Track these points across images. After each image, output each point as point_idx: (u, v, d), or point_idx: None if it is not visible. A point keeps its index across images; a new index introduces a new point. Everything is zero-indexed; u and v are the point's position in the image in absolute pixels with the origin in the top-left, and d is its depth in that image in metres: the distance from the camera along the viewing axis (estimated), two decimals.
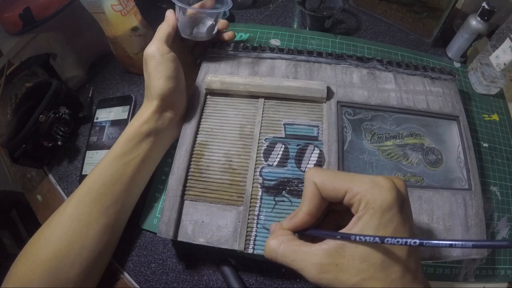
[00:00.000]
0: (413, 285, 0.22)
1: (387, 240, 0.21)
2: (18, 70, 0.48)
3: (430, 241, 0.19)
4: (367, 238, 0.21)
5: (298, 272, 0.24)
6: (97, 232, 0.32)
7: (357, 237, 0.22)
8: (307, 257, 0.23)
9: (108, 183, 0.33)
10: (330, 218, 0.28)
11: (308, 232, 0.26)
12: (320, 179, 0.25)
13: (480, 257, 0.35)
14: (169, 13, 0.39)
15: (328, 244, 0.23)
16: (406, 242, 0.20)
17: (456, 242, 0.18)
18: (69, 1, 0.49)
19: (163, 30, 0.37)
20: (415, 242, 0.20)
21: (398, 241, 0.20)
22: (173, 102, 0.36)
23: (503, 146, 0.46)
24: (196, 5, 0.40)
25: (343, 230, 0.23)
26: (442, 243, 0.19)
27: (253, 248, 0.32)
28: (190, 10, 0.39)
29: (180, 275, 0.36)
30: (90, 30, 0.48)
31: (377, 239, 0.21)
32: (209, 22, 0.41)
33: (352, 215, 0.24)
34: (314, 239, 0.25)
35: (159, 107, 0.35)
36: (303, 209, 0.25)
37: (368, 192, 0.22)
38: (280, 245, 0.25)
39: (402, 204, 0.23)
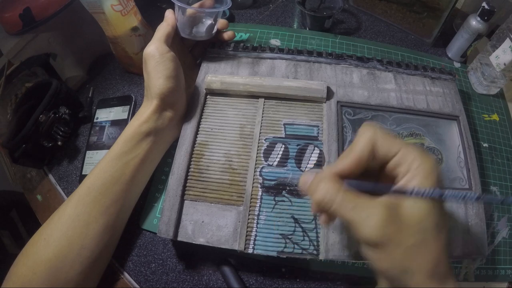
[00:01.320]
0: (449, 259, 0.22)
1: (446, 194, 0.20)
2: (18, 70, 0.48)
3: (485, 197, 0.20)
4: (427, 191, 0.21)
5: (351, 225, 0.22)
6: (97, 232, 0.32)
7: (416, 190, 0.21)
8: (369, 207, 0.22)
9: (108, 183, 0.33)
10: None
11: (348, 182, 0.24)
12: (379, 132, 0.24)
13: (480, 257, 0.35)
14: (169, 13, 0.40)
15: (387, 199, 0.22)
16: (465, 196, 0.20)
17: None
18: (69, 1, 0.49)
19: (163, 29, 0.37)
20: (472, 196, 0.20)
21: (457, 195, 0.20)
22: (173, 101, 0.36)
23: (503, 146, 0.46)
24: (196, 5, 0.40)
25: (396, 187, 0.23)
26: (495, 199, 0.19)
27: (253, 248, 0.32)
28: (189, 10, 0.39)
29: (180, 275, 0.36)
30: (90, 30, 0.48)
31: (437, 191, 0.20)
32: (209, 22, 0.41)
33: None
34: None
35: (158, 107, 0.35)
36: (354, 154, 0.24)
37: (421, 156, 0.22)
38: (339, 190, 0.23)
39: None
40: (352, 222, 0.22)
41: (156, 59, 0.35)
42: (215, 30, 0.42)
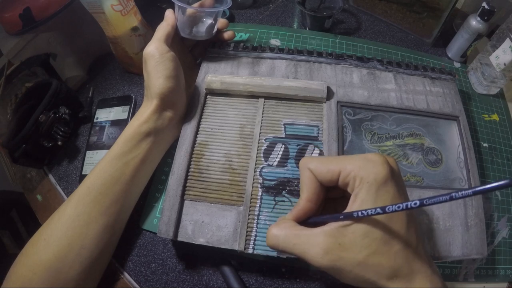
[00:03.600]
0: (416, 258, 0.23)
1: (388, 208, 0.21)
2: (18, 70, 0.48)
3: (430, 199, 0.19)
4: (369, 211, 0.21)
5: (301, 259, 0.24)
6: (97, 232, 0.32)
7: (359, 213, 0.22)
8: (309, 239, 0.23)
9: (107, 183, 0.33)
10: (328, 206, 0.29)
11: (310, 220, 0.26)
12: (313, 164, 0.26)
13: (480, 257, 0.35)
14: (169, 13, 0.40)
15: (330, 226, 0.23)
16: (407, 206, 0.20)
17: (456, 193, 0.18)
18: (69, 1, 0.49)
19: (162, 29, 0.37)
20: (415, 204, 0.20)
21: (399, 207, 0.20)
22: (173, 101, 0.36)
23: (503, 146, 0.46)
24: (196, 4, 0.40)
25: (345, 211, 0.24)
26: (442, 198, 0.19)
27: (253, 248, 0.32)
28: (189, 9, 0.39)
29: (180, 275, 0.36)
30: (90, 30, 0.48)
31: (378, 209, 0.21)
32: (209, 21, 0.41)
33: (346, 201, 0.24)
34: (317, 227, 0.25)
35: (158, 107, 0.35)
36: (302, 196, 0.26)
37: (361, 168, 0.23)
38: (281, 231, 0.25)
39: (394, 176, 0.24)
40: (299, 256, 0.24)
41: (156, 59, 0.35)
42: (215, 30, 0.42)
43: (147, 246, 0.38)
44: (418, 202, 0.20)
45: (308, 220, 0.27)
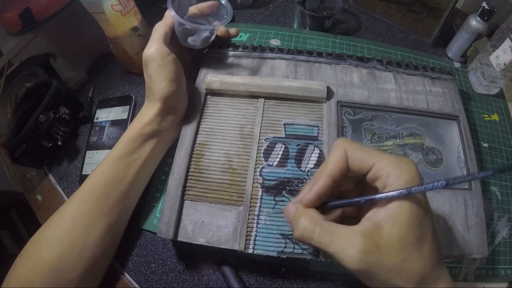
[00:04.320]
0: (440, 263, 0.23)
1: (414, 189, 0.20)
2: (18, 70, 0.48)
3: (455, 179, 0.20)
4: (393, 193, 0.21)
5: (333, 256, 0.23)
6: (99, 233, 0.32)
7: (383, 195, 0.22)
8: (347, 238, 0.22)
9: (110, 184, 0.33)
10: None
11: (329, 205, 0.25)
12: (351, 146, 0.25)
13: (480, 257, 0.35)
14: (168, 13, 0.39)
15: (365, 225, 0.23)
16: (433, 186, 0.20)
17: (479, 174, 0.19)
18: (69, 1, 0.49)
19: (161, 29, 0.36)
20: (441, 184, 0.20)
21: (425, 187, 0.20)
22: (176, 104, 0.36)
23: (503, 146, 0.46)
24: (195, 8, 0.39)
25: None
26: (467, 178, 0.20)
27: (253, 248, 0.32)
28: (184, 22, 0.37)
29: (180, 275, 0.36)
30: (90, 30, 0.48)
31: (403, 191, 0.21)
32: (204, 34, 0.40)
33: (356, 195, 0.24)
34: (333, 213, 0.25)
35: (162, 109, 0.35)
36: (325, 172, 0.25)
37: (397, 167, 0.23)
38: (316, 224, 0.23)
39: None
40: (333, 255, 0.23)
41: (158, 62, 0.34)
42: (212, 39, 0.41)
43: (147, 246, 0.38)
44: (444, 182, 0.20)
45: (326, 206, 0.25)
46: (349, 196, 0.27)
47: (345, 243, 0.22)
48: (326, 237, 0.23)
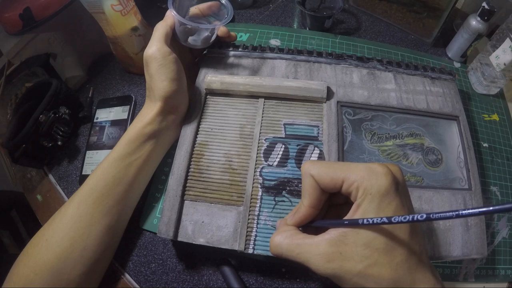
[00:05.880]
0: (419, 268, 0.22)
1: (394, 219, 0.20)
2: (18, 70, 0.48)
3: (437, 214, 0.19)
4: (375, 220, 0.21)
5: (304, 266, 0.24)
6: (100, 233, 0.32)
7: (365, 221, 0.22)
8: (311, 248, 0.23)
9: (110, 184, 0.33)
10: (331, 212, 0.28)
11: (313, 224, 0.26)
12: (316, 171, 0.25)
13: (480, 257, 0.35)
14: (169, 13, 0.39)
15: (331, 234, 0.23)
16: (413, 218, 0.20)
17: (463, 211, 0.18)
18: (69, 1, 0.49)
19: (161, 29, 0.36)
20: (421, 217, 0.19)
21: (405, 218, 0.20)
22: (177, 103, 0.36)
23: (503, 146, 0.46)
24: (196, 8, 0.39)
25: (345, 218, 0.24)
26: (449, 214, 0.18)
27: (253, 248, 0.32)
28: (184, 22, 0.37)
29: (180, 275, 0.36)
30: (90, 30, 0.48)
31: (384, 219, 0.21)
32: (205, 34, 0.40)
33: (350, 207, 0.24)
34: (318, 231, 0.25)
35: (163, 109, 0.35)
36: (304, 202, 0.26)
37: (364, 179, 0.23)
38: (284, 240, 0.25)
39: (398, 187, 0.23)
40: (302, 264, 0.24)
41: (159, 62, 0.34)
42: (212, 39, 0.41)
43: (147, 246, 0.38)
44: (424, 216, 0.19)
45: (311, 224, 0.26)
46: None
47: (310, 254, 0.23)
48: (293, 250, 0.24)
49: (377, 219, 0.21)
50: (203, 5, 0.39)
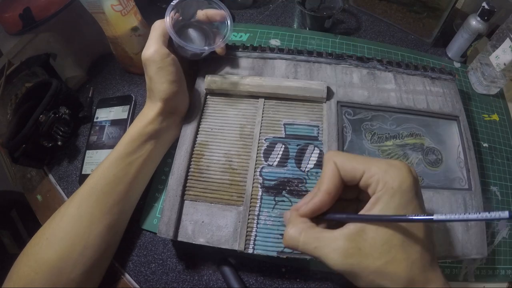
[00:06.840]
0: (431, 267, 0.22)
1: (418, 217, 0.20)
2: (18, 70, 0.48)
3: (455, 216, 0.19)
4: (398, 217, 0.21)
5: (320, 260, 0.24)
6: (100, 232, 0.32)
7: (391, 217, 0.21)
8: (330, 243, 0.23)
9: (111, 183, 0.33)
10: (337, 207, 0.28)
11: (327, 216, 0.26)
12: (340, 159, 0.25)
13: (480, 257, 0.35)
14: (167, 12, 0.39)
15: (349, 228, 0.23)
16: (434, 219, 0.20)
17: (488, 213, 0.18)
18: (69, 1, 0.49)
19: (159, 29, 0.35)
20: (442, 218, 0.19)
21: (431, 218, 0.20)
22: (177, 104, 0.36)
23: (503, 146, 0.46)
24: (203, 14, 0.38)
25: (361, 212, 0.23)
26: (472, 217, 0.19)
27: (253, 248, 0.32)
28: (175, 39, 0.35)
29: (180, 275, 0.36)
30: (90, 30, 0.48)
31: (399, 217, 0.21)
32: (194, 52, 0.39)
33: (357, 204, 0.24)
34: (329, 226, 0.25)
35: (163, 110, 0.35)
36: (322, 188, 0.25)
37: (386, 172, 0.23)
38: (301, 233, 0.24)
39: (417, 186, 0.23)
40: (319, 259, 0.24)
41: (158, 65, 0.34)
42: (204, 55, 0.40)
43: (147, 246, 0.38)
44: (446, 217, 0.19)
45: (324, 216, 0.26)
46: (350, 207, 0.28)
47: (328, 248, 0.23)
48: (310, 244, 0.24)
49: (392, 217, 0.21)
50: (211, 12, 0.38)
